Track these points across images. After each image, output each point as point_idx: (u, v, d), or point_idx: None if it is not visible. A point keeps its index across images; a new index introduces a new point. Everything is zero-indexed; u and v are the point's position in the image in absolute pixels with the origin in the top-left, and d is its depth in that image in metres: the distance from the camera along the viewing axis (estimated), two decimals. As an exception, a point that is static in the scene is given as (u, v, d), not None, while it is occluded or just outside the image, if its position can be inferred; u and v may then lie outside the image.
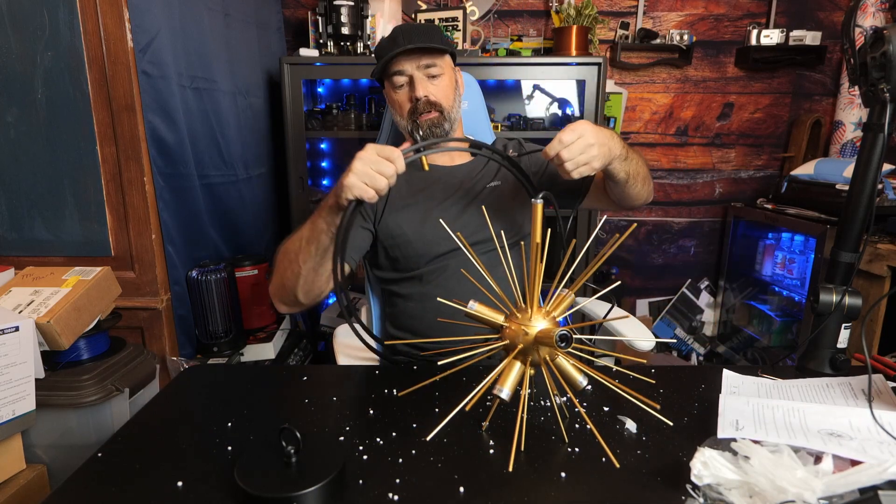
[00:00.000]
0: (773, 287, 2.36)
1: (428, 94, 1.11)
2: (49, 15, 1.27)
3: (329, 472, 0.57)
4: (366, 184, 0.82)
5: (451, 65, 1.17)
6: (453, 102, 1.15)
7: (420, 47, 1.08)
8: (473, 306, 0.72)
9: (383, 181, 0.82)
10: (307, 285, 0.99)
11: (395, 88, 1.14)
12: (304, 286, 0.99)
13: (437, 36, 1.12)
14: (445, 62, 1.14)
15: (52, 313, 1.11)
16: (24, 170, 1.36)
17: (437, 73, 1.12)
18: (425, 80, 1.11)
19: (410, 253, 1.14)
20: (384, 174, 0.82)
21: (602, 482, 0.60)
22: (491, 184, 1.20)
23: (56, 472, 1.12)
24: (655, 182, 2.56)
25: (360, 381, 0.89)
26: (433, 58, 1.11)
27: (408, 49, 1.08)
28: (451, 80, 1.15)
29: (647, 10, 2.38)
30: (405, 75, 1.11)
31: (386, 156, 0.82)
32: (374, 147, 0.84)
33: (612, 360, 1.22)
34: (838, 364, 0.84)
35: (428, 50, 1.10)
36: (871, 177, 0.81)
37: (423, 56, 1.10)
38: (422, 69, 1.10)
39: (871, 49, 0.77)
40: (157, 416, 0.78)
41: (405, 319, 1.17)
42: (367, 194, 0.82)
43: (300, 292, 1.00)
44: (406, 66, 1.11)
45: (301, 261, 0.96)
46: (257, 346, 1.70)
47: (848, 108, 2.29)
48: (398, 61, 1.11)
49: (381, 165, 0.82)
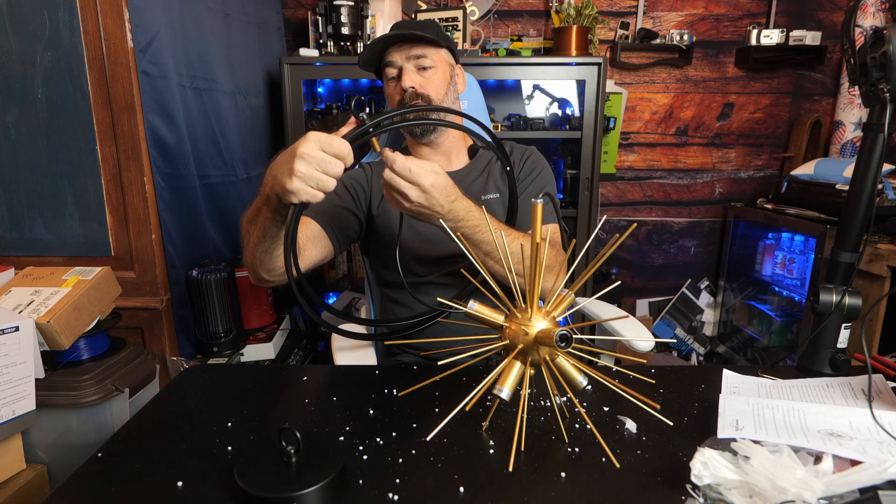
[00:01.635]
0: (773, 287, 2.36)
1: (415, 84, 1.08)
2: (49, 15, 1.27)
3: (329, 472, 0.57)
4: (312, 187, 0.73)
5: (446, 60, 1.14)
6: (444, 96, 1.11)
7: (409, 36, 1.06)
8: (473, 306, 0.72)
9: (331, 182, 0.74)
10: (267, 265, 0.92)
11: (387, 81, 1.12)
12: (263, 266, 0.93)
13: (433, 30, 1.09)
14: (439, 56, 1.11)
15: (52, 313, 1.10)
16: (24, 170, 1.36)
17: (427, 66, 1.09)
18: (414, 71, 1.09)
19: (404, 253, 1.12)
20: (330, 174, 0.73)
21: (602, 482, 0.60)
22: (487, 196, 1.15)
23: (56, 472, 1.12)
24: (656, 182, 2.56)
25: (360, 381, 0.89)
26: (424, 49, 1.08)
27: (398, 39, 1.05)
28: (444, 74, 1.12)
29: (647, 10, 2.38)
30: (395, 67, 1.10)
31: (333, 152, 0.73)
32: (317, 139, 0.73)
33: (612, 360, 1.22)
34: (838, 364, 0.84)
35: (418, 41, 1.07)
36: (871, 177, 0.81)
37: (413, 47, 1.08)
38: (412, 60, 1.08)
39: (871, 49, 0.77)
40: (157, 416, 0.78)
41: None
42: (314, 198, 0.74)
43: (262, 272, 0.94)
44: (396, 58, 1.09)
45: (252, 243, 0.90)
46: (257, 346, 1.70)
47: (848, 108, 2.29)
48: (389, 52, 1.09)
49: (328, 165, 0.73)
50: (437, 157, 1.18)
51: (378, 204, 1.16)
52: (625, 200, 2.59)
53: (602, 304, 1.42)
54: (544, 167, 1.17)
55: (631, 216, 2.60)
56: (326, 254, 1.10)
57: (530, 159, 1.18)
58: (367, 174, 1.19)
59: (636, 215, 2.60)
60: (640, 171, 2.56)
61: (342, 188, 1.15)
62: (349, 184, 1.16)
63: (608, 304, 1.58)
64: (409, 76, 1.08)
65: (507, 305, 0.72)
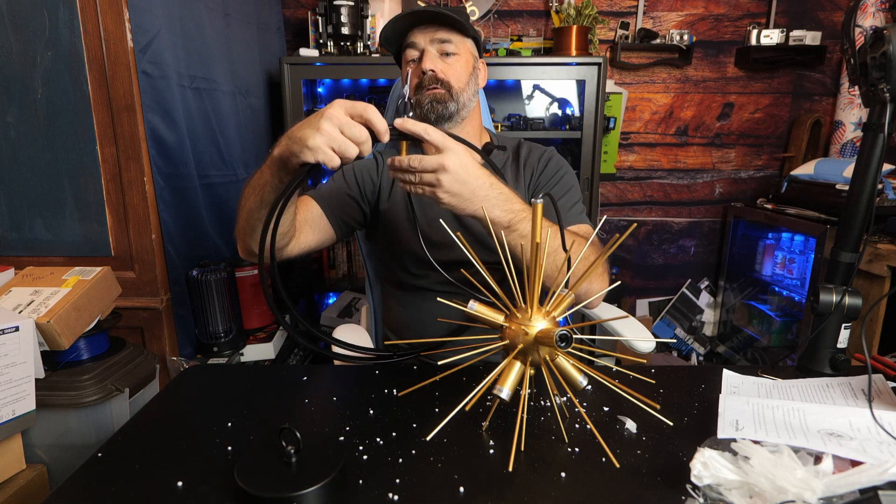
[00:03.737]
0: (773, 287, 2.36)
1: (435, 68, 1.03)
2: (49, 15, 1.27)
3: (329, 472, 0.57)
4: (333, 149, 0.69)
5: (470, 51, 1.10)
6: (465, 86, 1.06)
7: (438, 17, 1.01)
8: (473, 306, 0.72)
9: (354, 151, 0.69)
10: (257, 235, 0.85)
11: (407, 63, 1.08)
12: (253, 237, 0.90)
13: (462, 17, 1.05)
14: (465, 46, 1.08)
15: (52, 313, 1.10)
16: (24, 170, 1.36)
17: (451, 52, 1.05)
18: (436, 55, 1.05)
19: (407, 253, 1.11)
20: (357, 141, 0.69)
21: (602, 482, 0.60)
22: None
23: (56, 472, 1.12)
24: (656, 182, 2.56)
25: (360, 381, 0.89)
26: (449, 33, 1.04)
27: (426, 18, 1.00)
28: (467, 63, 1.07)
29: (647, 10, 2.38)
30: (417, 49, 1.05)
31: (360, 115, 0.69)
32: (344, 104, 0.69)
33: (612, 360, 1.22)
34: (838, 364, 0.84)
35: (444, 24, 1.03)
36: (871, 177, 0.81)
37: (438, 30, 1.04)
38: (435, 43, 1.04)
39: (871, 49, 0.77)
40: (157, 416, 0.78)
41: (402, 328, 1.16)
42: (332, 162, 0.69)
43: (252, 242, 0.91)
44: (419, 39, 1.04)
45: (247, 209, 0.87)
46: (257, 346, 1.70)
47: (848, 108, 2.29)
48: (412, 33, 1.05)
49: (354, 130, 0.68)
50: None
51: (388, 196, 1.12)
52: (625, 200, 2.59)
53: (602, 303, 1.42)
54: (567, 170, 1.13)
55: (631, 216, 2.60)
56: (324, 239, 1.07)
57: (552, 162, 1.14)
58: (379, 164, 1.16)
59: (636, 215, 2.60)
60: (640, 171, 2.56)
61: (350, 176, 1.12)
62: (358, 172, 1.13)
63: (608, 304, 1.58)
64: (431, 59, 1.03)
65: (507, 305, 0.72)
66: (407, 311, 1.16)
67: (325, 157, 0.69)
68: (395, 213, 1.11)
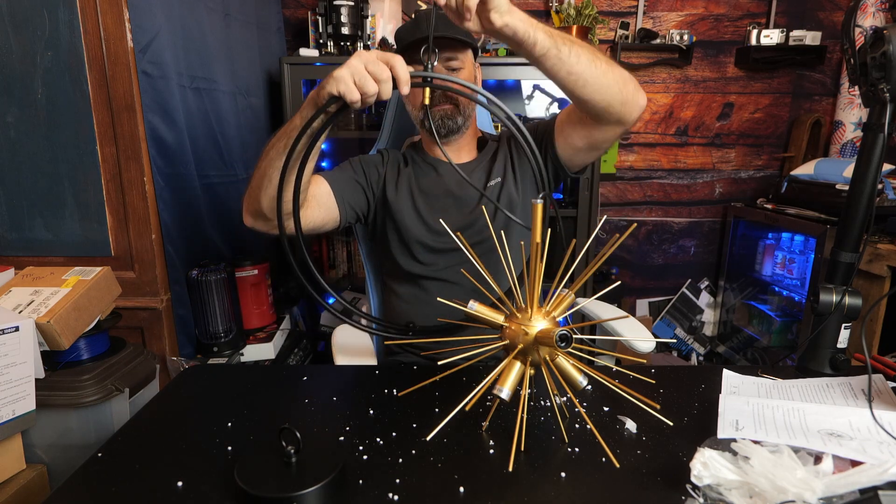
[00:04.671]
0: (773, 287, 2.36)
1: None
2: (49, 15, 1.27)
3: (329, 472, 0.57)
4: (355, 83, 0.74)
5: (471, 60, 1.15)
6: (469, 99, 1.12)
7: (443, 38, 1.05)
8: (473, 306, 0.72)
9: (374, 87, 0.74)
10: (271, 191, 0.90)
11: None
12: (266, 188, 0.91)
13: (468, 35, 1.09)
14: (467, 57, 1.12)
15: (52, 313, 1.10)
16: (24, 170, 1.36)
17: (456, 67, 1.10)
18: (444, 73, 1.09)
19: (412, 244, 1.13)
20: (378, 78, 0.74)
21: (602, 482, 0.60)
22: (491, 182, 1.17)
23: (56, 472, 1.12)
24: (656, 182, 2.56)
25: (360, 381, 0.89)
26: (455, 51, 1.09)
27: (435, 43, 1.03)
28: (469, 74, 1.13)
29: (647, 10, 2.38)
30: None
31: (386, 60, 0.75)
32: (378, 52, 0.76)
33: (612, 360, 1.22)
34: (838, 364, 0.84)
35: (450, 43, 1.07)
36: (871, 177, 0.81)
37: (444, 49, 1.08)
38: (442, 62, 1.09)
39: (871, 49, 0.77)
40: (157, 416, 0.78)
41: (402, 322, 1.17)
42: (351, 95, 0.74)
43: (263, 196, 0.92)
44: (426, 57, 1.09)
45: (269, 158, 0.89)
46: (257, 346, 1.70)
47: (848, 108, 2.29)
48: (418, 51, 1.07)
49: (378, 68, 0.74)
50: (451, 152, 1.19)
51: (394, 190, 1.16)
52: (625, 200, 2.59)
53: (602, 304, 1.42)
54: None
55: (631, 216, 2.60)
56: (329, 219, 1.10)
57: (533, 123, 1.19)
58: (384, 158, 1.21)
59: (636, 215, 2.60)
60: (640, 171, 2.56)
61: (359, 165, 1.18)
62: (365, 164, 1.19)
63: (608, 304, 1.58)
64: None
65: (507, 305, 0.72)
66: (409, 306, 1.17)
67: (346, 89, 0.74)
68: (402, 203, 1.15)
